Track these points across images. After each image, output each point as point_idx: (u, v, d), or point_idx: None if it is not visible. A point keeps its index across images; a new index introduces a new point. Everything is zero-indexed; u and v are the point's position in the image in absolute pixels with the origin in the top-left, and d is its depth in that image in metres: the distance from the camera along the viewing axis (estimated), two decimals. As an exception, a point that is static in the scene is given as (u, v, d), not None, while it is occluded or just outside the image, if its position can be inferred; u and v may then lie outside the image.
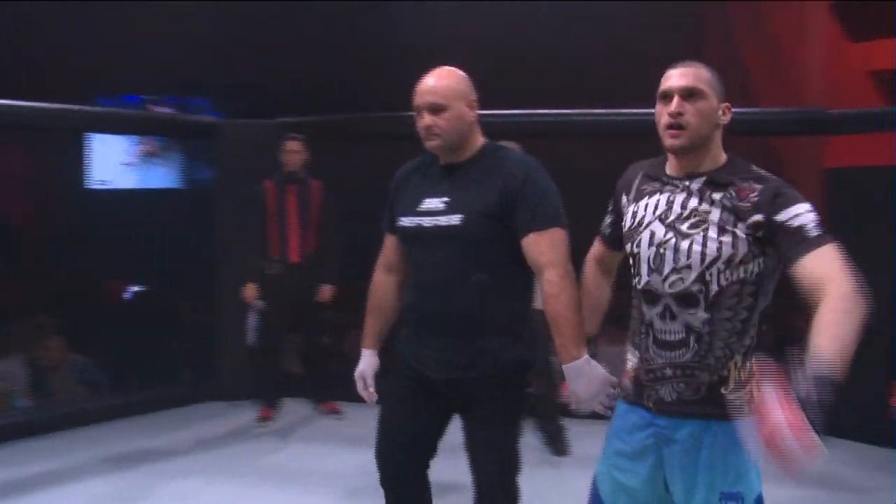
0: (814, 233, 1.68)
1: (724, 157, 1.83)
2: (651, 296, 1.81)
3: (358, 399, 2.37)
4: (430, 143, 2.17)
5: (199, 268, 5.46)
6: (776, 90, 7.40)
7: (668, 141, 1.80)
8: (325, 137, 5.12)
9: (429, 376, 2.21)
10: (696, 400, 1.77)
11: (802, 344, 1.55)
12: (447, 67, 2.23)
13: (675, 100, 1.78)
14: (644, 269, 1.82)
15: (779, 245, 1.70)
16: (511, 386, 2.19)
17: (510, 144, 4.00)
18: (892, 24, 7.09)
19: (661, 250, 1.79)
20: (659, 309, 1.80)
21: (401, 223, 2.23)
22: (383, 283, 2.37)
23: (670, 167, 1.87)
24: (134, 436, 4.43)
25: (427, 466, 2.33)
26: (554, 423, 4.21)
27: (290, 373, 5.10)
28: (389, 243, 2.35)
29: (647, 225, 1.83)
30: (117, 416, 4.75)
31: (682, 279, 1.76)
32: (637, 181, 1.92)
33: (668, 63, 1.86)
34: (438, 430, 2.28)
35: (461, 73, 2.24)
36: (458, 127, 2.17)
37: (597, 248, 2.10)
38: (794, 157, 6.91)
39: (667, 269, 1.78)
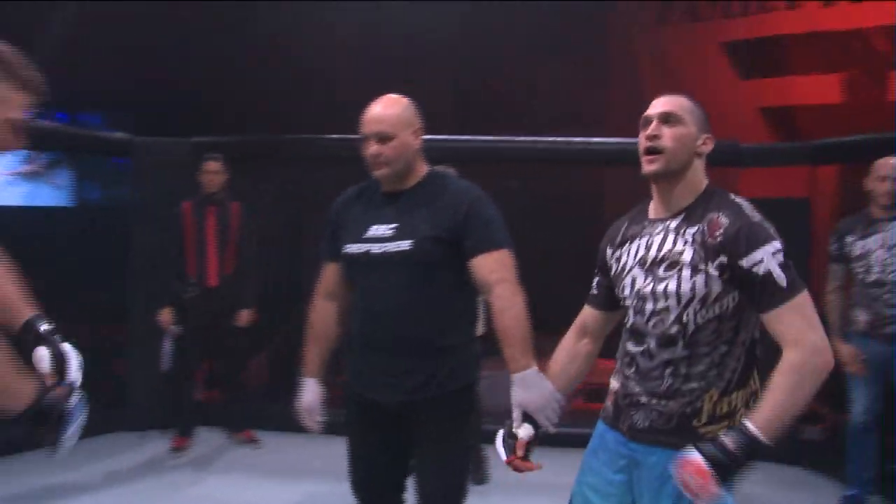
0: (781, 282, 1.70)
1: (703, 187, 1.85)
2: (637, 335, 1.86)
3: (274, 427, 2.34)
4: (378, 172, 2.22)
5: (108, 291, 5.22)
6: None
7: (644, 167, 1.83)
8: (244, 158, 5.03)
9: (379, 402, 2.23)
10: (666, 430, 1.80)
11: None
12: (393, 95, 2.28)
13: (654, 123, 1.83)
14: (631, 312, 1.88)
15: (746, 292, 1.73)
16: (460, 407, 2.24)
17: (448, 170, 4.11)
18: (780, 63, 7.58)
19: (642, 295, 1.84)
20: (642, 347, 1.84)
21: (347, 250, 2.25)
22: (324, 310, 2.38)
23: (653, 210, 1.91)
24: (38, 471, 4.16)
25: (404, 490, 2.35)
26: (475, 451, 4.23)
27: (199, 400, 4.95)
28: (329, 271, 2.36)
29: (629, 271, 1.88)
30: (17, 449, 4.42)
31: (661, 321, 1.80)
32: (622, 231, 1.96)
33: (573, 93, 1.93)
34: (406, 454, 2.30)
35: (406, 100, 2.29)
36: (405, 155, 2.22)
37: (583, 313, 2.10)
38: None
39: (648, 313, 1.82)
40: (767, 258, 1.71)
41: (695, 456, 1.64)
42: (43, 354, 1.77)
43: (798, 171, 4.63)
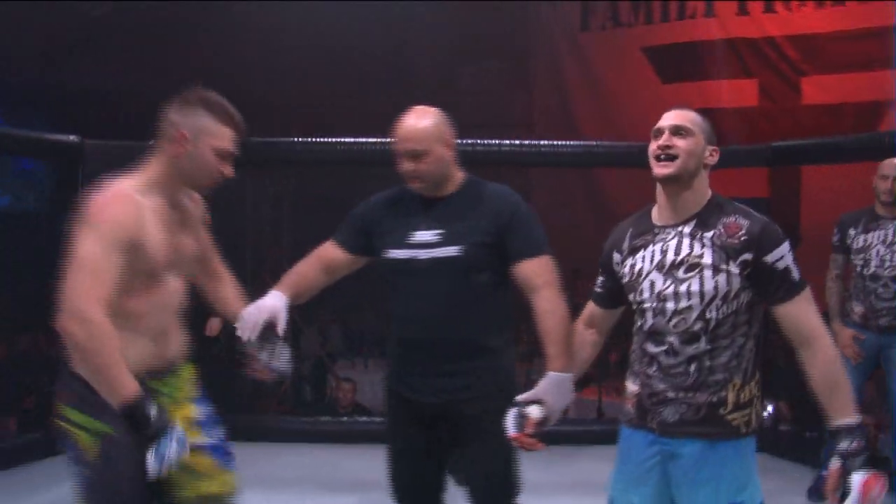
0: (796, 277, 1.92)
1: (708, 195, 2.02)
2: (657, 336, 1.98)
3: (242, 438, 2.28)
4: (415, 186, 2.29)
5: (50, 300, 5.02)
6: (599, 123, 7.87)
7: (657, 170, 1.97)
8: None
9: (423, 403, 2.30)
10: (696, 420, 1.95)
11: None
12: (423, 108, 2.32)
13: (666, 134, 1.97)
14: (649, 315, 2.00)
15: (763, 284, 1.91)
16: (503, 406, 2.27)
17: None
18: (700, 68, 7.80)
19: (663, 297, 1.97)
20: (665, 347, 1.97)
21: (390, 255, 2.29)
22: (315, 267, 2.39)
23: (658, 216, 2.04)
24: None
25: (444, 491, 2.43)
26: None
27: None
28: (334, 251, 2.40)
29: (647, 275, 2.00)
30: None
31: (684, 319, 1.95)
32: (628, 238, 2.08)
33: (498, 95, 1.98)
34: (447, 455, 2.38)
35: (436, 111, 2.34)
36: (440, 168, 2.28)
37: (589, 307, 2.26)
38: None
39: (669, 313, 1.96)
40: (786, 255, 1.92)
41: (862, 476, 1.83)
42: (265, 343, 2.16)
43: (757, 172, 4.87)
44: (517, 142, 5.12)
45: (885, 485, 1.85)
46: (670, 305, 1.96)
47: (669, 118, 2.02)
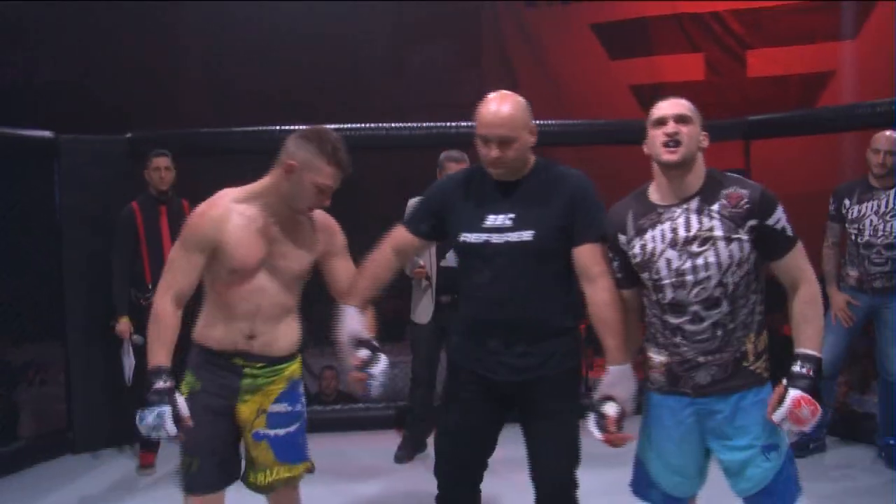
0: (790, 233, 2.14)
1: (705, 173, 2.17)
2: (678, 307, 2.14)
3: None
4: (496, 171, 2.31)
5: (38, 301, 4.84)
6: (548, 101, 7.85)
7: (665, 156, 2.12)
8: (187, 153, 4.71)
9: (496, 381, 2.36)
10: (726, 377, 2.16)
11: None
12: (507, 93, 2.35)
13: (671, 123, 2.12)
14: (668, 289, 2.15)
15: (766, 244, 2.12)
16: (572, 386, 2.41)
17: (456, 153, 4.19)
18: (647, 44, 7.83)
19: (681, 272, 2.12)
20: (688, 316, 2.14)
21: (465, 239, 2.33)
22: (388, 259, 2.46)
23: (660, 197, 2.18)
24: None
25: (485, 469, 2.50)
26: None
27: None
28: (404, 236, 2.46)
29: (661, 254, 2.15)
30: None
31: (704, 288, 2.11)
32: (630, 219, 2.21)
33: (446, 75, 1.96)
34: (497, 436, 2.46)
35: (520, 98, 2.36)
36: (523, 154, 2.31)
37: (620, 296, 2.32)
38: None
39: (690, 285, 2.12)
40: (781, 215, 2.12)
41: (797, 393, 2.08)
42: (363, 353, 2.36)
43: (734, 145, 5.03)
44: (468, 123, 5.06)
45: (817, 411, 2.08)
46: (689, 278, 2.12)
47: (671, 107, 2.16)
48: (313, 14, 7.81)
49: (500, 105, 2.30)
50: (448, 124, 4.86)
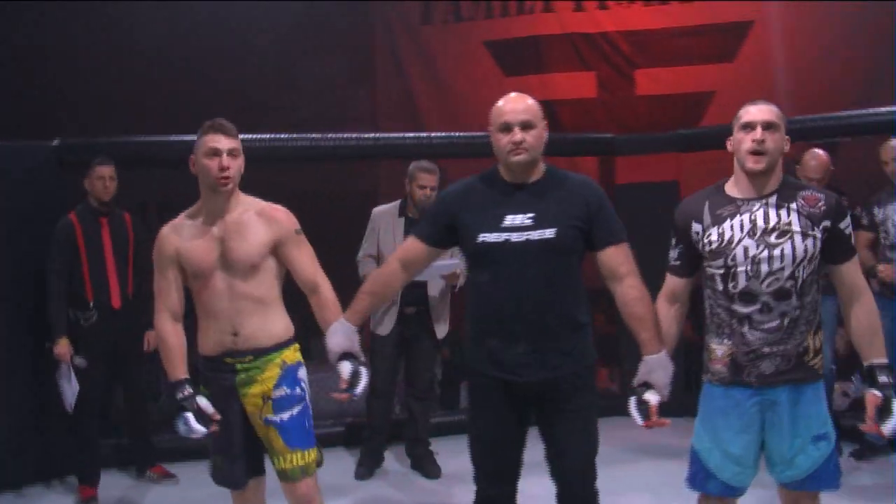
0: (853, 241, 2.28)
1: (782, 174, 2.29)
2: (749, 296, 2.23)
3: (182, 458, 2.31)
4: (518, 157, 2.39)
5: None
6: (444, 117, 7.89)
7: (750, 165, 2.23)
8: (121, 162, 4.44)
9: (518, 381, 2.40)
10: (789, 369, 2.26)
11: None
12: (520, 93, 2.47)
13: (759, 129, 2.22)
14: (741, 277, 2.23)
15: (832, 246, 2.24)
16: (591, 381, 2.50)
17: (426, 163, 4.28)
18: (540, 62, 7.99)
19: (757, 260, 2.21)
20: (758, 306, 2.22)
21: (484, 239, 2.39)
22: (395, 273, 2.53)
23: (739, 190, 2.29)
24: None
25: (521, 466, 2.56)
26: (423, 445, 4.31)
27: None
28: (415, 245, 2.52)
29: (739, 242, 2.24)
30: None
31: (777, 279, 2.21)
32: (707, 209, 2.30)
33: (340, 89, 2.00)
34: (526, 434, 2.52)
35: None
36: (540, 145, 2.43)
37: (670, 283, 2.48)
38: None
39: (763, 274, 2.21)
40: (850, 224, 2.27)
41: None
42: (346, 367, 2.51)
43: (667, 157, 5.28)
44: (362, 135, 5.06)
45: None
46: (764, 268, 2.25)
47: (760, 113, 2.28)
48: (197, 19, 7.61)
49: (520, 96, 2.47)
50: (342, 136, 4.83)
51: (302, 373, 2.68)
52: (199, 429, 2.58)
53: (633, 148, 5.34)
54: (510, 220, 2.39)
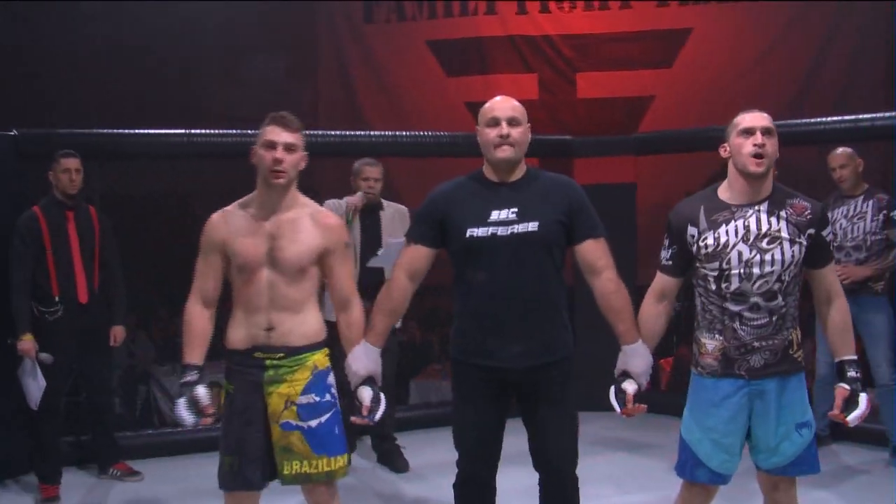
0: (830, 248, 2.48)
1: (773, 181, 2.45)
2: (740, 297, 2.41)
3: (144, 454, 2.30)
4: (503, 153, 2.50)
5: None
6: (386, 115, 7.87)
7: (752, 168, 2.38)
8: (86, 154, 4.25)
9: (505, 369, 2.51)
10: (776, 362, 2.46)
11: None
12: (504, 95, 2.58)
13: (759, 134, 2.37)
14: (735, 279, 2.41)
15: (814, 252, 2.42)
16: (571, 371, 2.59)
17: (370, 159, 4.35)
18: (483, 63, 8.01)
19: (750, 264, 2.39)
20: (748, 305, 2.41)
21: (472, 234, 2.49)
22: (405, 288, 2.61)
23: (732, 196, 2.45)
24: None
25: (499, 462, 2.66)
26: (389, 441, 4.30)
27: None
28: (417, 253, 2.59)
29: (734, 246, 2.41)
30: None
31: (766, 282, 2.40)
32: (702, 214, 2.45)
33: (283, 87, 1.98)
34: (504, 425, 2.63)
35: None
36: (525, 143, 2.53)
37: (660, 281, 2.58)
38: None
39: (755, 277, 2.39)
40: (830, 230, 2.44)
41: (866, 395, 2.42)
42: (367, 393, 2.57)
43: (624, 160, 5.36)
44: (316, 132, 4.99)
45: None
46: (756, 270, 2.40)
47: (758, 120, 2.42)
48: (142, 15, 7.49)
49: (507, 98, 2.58)
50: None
51: (331, 379, 2.64)
52: (188, 417, 2.54)
53: (590, 150, 5.42)
54: (496, 214, 2.49)
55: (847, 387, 2.44)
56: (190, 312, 2.64)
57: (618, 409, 2.49)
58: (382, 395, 2.56)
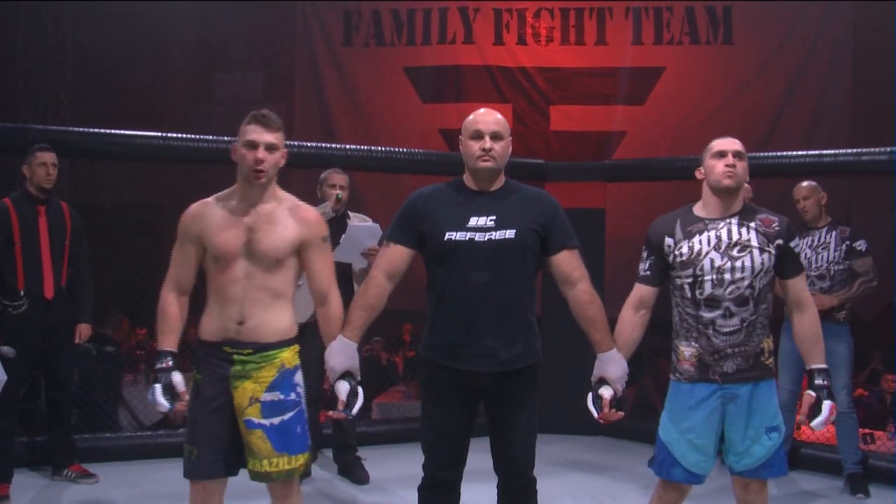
0: (799, 260, 2.68)
1: (743, 200, 2.63)
2: (713, 302, 2.55)
3: (102, 457, 2.27)
4: (484, 164, 2.56)
5: None
6: (360, 138, 7.89)
7: (724, 181, 2.60)
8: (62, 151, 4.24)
9: (475, 372, 2.55)
10: (748, 367, 2.60)
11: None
12: (488, 109, 2.67)
13: (730, 156, 2.59)
14: (707, 285, 2.57)
15: (783, 262, 2.59)
16: (536, 378, 2.64)
17: (337, 168, 4.38)
18: (458, 91, 8.11)
19: (722, 270, 2.55)
20: (721, 311, 2.59)
21: (450, 237, 2.54)
22: (383, 286, 2.62)
23: (706, 212, 2.64)
24: None
25: (465, 464, 2.68)
26: (350, 453, 4.27)
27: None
28: (395, 253, 2.62)
29: (706, 255, 2.59)
30: None
31: (738, 287, 2.55)
32: (678, 226, 2.63)
33: (258, 104, 1.97)
34: (473, 428, 2.66)
35: None
36: (506, 156, 2.60)
37: (638, 291, 2.72)
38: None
39: (726, 283, 2.54)
40: (798, 244, 2.55)
41: (830, 402, 2.56)
42: (344, 387, 2.57)
43: (595, 186, 5.49)
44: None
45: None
46: (727, 277, 2.57)
47: (730, 144, 2.63)
48: (119, 30, 7.51)
49: (491, 111, 2.65)
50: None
51: (298, 377, 2.65)
52: (164, 402, 2.56)
53: (562, 175, 5.54)
54: (474, 220, 2.56)
55: (813, 394, 2.58)
56: (165, 300, 2.66)
57: (595, 414, 2.57)
58: (360, 389, 2.57)
